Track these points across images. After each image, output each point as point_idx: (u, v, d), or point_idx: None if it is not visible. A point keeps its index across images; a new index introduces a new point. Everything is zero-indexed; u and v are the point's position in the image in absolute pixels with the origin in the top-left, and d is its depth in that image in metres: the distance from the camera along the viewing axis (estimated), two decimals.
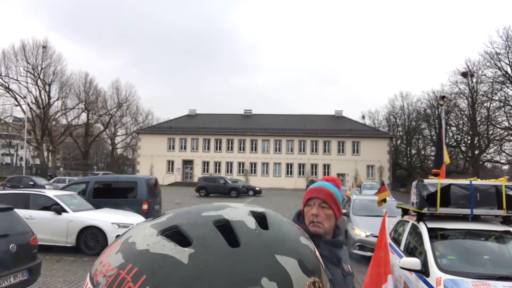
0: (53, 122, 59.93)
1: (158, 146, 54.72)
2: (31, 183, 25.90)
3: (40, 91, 54.15)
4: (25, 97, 52.33)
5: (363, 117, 65.36)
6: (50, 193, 10.39)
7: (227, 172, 51.93)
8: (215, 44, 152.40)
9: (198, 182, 33.72)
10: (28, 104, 52.06)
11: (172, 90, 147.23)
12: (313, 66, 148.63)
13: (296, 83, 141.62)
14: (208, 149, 54.12)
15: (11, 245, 5.28)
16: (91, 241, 9.26)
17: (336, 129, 51.94)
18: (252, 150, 52.94)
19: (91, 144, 68.89)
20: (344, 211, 9.99)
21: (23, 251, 5.47)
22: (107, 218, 9.58)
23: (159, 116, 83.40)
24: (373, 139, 50.59)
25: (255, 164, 52.48)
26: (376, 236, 5.32)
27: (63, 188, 13.36)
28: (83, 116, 63.39)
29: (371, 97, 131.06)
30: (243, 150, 53.06)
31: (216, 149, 53.83)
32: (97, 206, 10.58)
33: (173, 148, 55.13)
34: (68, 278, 7.20)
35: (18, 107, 53.05)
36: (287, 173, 51.77)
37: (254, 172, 52.31)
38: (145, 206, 11.66)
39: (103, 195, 12.13)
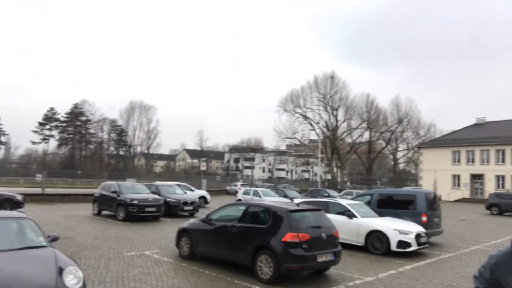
0: (340, 142, 67.41)
1: (441, 160, 52.35)
2: (326, 194, 30.78)
3: (329, 116, 62.63)
4: (318, 122, 61.90)
5: None
6: (343, 202, 12.96)
7: None
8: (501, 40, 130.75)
9: (488, 198, 30.48)
10: (320, 128, 61.21)
11: (455, 99, 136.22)
12: None
13: None
14: (503, 161, 47.34)
15: (323, 233, 7.67)
16: (377, 243, 11.03)
17: None
18: None
19: (374, 160, 73.00)
20: None
21: (330, 239, 7.77)
22: (389, 225, 11.16)
23: (442, 127, 78.97)
24: None
25: None
26: None
27: (352, 199, 15.93)
28: (366, 134, 68.30)
29: None
30: None
31: None
32: (380, 215, 12.35)
33: (458, 161, 51.41)
34: (360, 268, 9.16)
35: (313, 131, 63.11)
36: None
37: None
38: (424, 218, 12.51)
39: (386, 206, 13.78)
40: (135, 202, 15.96)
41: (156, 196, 17.38)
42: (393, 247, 10.69)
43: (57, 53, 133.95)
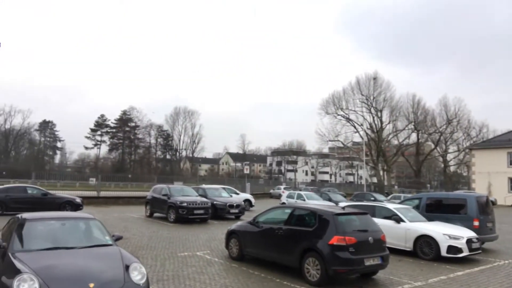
0: (386, 144, 65.75)
1: (496, 162, 49.52)
2: (372, 198, 30.19)
3: (373, 117, 61.38)
4: (361, 124, 60.78)
5: None
6: (391, 206, 12.81)
7: None
8: None
9: None
10: (364, 130, 60.05)
11: (509, 96, 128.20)
12: None
13: None
14: None
15: (369, 237, 7.74)
16: (426, 248, 10.84)
17: None
18: None
19: (422, 163, 70.41)
20: None
21: (377, 243, 7.83)
22: (439, 230, 10.93)
23: (496, 128, 74.73)
24: None
25: None
26: None
27: (399, 203, 15.65)
28: (413, 136, 66.11)
29: None
30: None
31: None
32: (429, 219, 12.10)
33: None
34: (409, 273, 9.08)
35: (357, 134, 62.07)
36: None
37: None
38: (476, 223, 12.10)
39: (435, 210, 13.44)
40: (185, 204, 16.65)
41: (204, 199, 18.01)
42: (443, 252, 10.46)
43: (104, 60, 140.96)
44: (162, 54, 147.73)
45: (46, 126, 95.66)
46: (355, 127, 61.64)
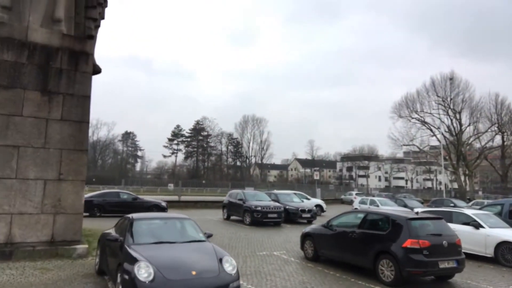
0: (467, 147, 61.52)
1: None
2: (451, 204, 28.76)
3: (451, 119, 57.84)
4: (438, 127, 57.54)
5: None
6: (469, 211, 12.52)
7: None
8: None
9: None
10: (442, 133, 56.82)
11: None
12: None
13: None
14: None
15: (444, 241, 7.89)
16: (508, 254, 10.50)
17: None
18: None
19: (509, 167, 64.70)
20: None
21: (452, 246, 7.95)
22: None
23: None
24: None
25: None
26: None
27: (480, 209, 15.07)
28: (498, 138, 61.09)
29: None
30: None
31: None
32: (511, 225, 11.63)
33: None
34: (489, 279, 8.96)
35: (433, 137, 58.91)
36: None
37: None
38: None
39: None
40: (259, 208, 17.60)
41: (277, 204, 18.81)
42: None
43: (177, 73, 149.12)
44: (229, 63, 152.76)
45: (128, 136, 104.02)
46: (431, 130, 58.60)
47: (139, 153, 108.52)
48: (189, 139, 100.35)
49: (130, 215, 7.59)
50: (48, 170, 9.22)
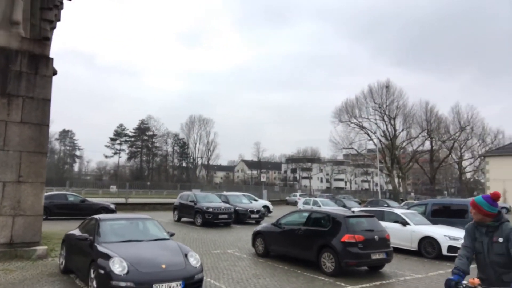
0: (400, 151, 66.49)
1: (510, 168, 50.01)
2: (385, 205, 31.34)
3: (387, 125, 62.40)
4: (375, 132, 61.79)
5: None
6: (398, 211, 14.23)
7: None
8: None
9: None
10: (378, 138, 61.04)
11: None
12: None
13: None
14: None
15: (375, 236, 9.23)
16: (429, 247, 12.22)
17: None
18: None
19: (437, 170, 70.84)
20: None
21: (382, 240, 9.32)
22: (440, 231, 12.31)
23: None
24: None
25: None
26: None
27: (407, 209, 16.99)
28: (427, 143, 66.76)
29: None
30: None
31: None
32: (435, 223, 13.47)
33: None
34: (412, 268, 10.49)
35: (371, 141, 63.12)
36: None
37: None
38: None
39: (440, 215, 14.80)
40: (211, 210, 18.33)
41: (228, 205, 19.66)
42: (444, 251, 11.81)
43: (120, 68, 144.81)
44: (177, 63, 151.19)
45: (65, 135, 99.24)
46: (368, 134, 62.77)
47: (78, 153, 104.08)
48: (133, 139, 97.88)
49: (97, 216, 8.07)
50: (7, 172, 9.34)
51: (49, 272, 8.23)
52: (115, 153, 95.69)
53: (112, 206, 21.42)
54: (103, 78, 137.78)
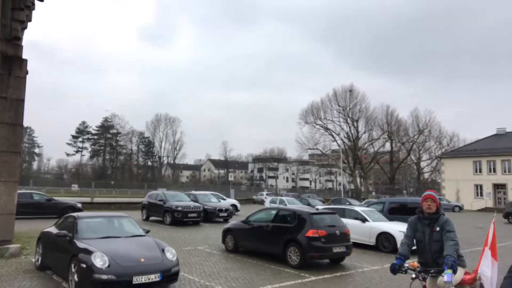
0: (363, 152, 69.09)
1: (463, 170, 53.29)
2: (347, 203, 32.74)
3: (350, 127, 64.75)
4: (339, 133, 64.05)
5: None
6: (358, 208, 15.24)
7: None
8: None
9: (505, 207, 31.80)
10: (342, 139, 63.23)
11: (479, 107, 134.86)
12: None
13: None
14: None
15: (337, 231, 10.05)
16: (385, 242, 13.25)
17: None
18: None
19: (396, 170, 74.09)
20: None
21: (343, 235, 10.16)
22: (396, 228, 13.36)
23: (466, 137, 79.54)
24: None
25: None
26: None
27: (366, 207, 18.12)
28: (388, 145, 69.76)
29: None
30: None
31: None
32: (392, 220, 14.56)
33: (480, 171, 52.28)
34: (370, 261, 11.42)
35: (335, 142, 65.19)
36: None
37: None
38: None
39: (397, 212, 15.99)
40: (180, 208, 18.68)
41: (197, 204, 20.07)
42: (399, 245, 12.85)
43: (84, 62, 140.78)
44: (141, 60, 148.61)
45: (24, 131, 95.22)
46: (333, 136, 64.86)
47: (37, 150, 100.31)
48: (96, 137, 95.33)
49: (75, 214, 8.37)
50: None
51: (24, 269, 8.43)
52: (77, 151, 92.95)
53: (79, 205, 21.28)
54: (63, 73, 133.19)
